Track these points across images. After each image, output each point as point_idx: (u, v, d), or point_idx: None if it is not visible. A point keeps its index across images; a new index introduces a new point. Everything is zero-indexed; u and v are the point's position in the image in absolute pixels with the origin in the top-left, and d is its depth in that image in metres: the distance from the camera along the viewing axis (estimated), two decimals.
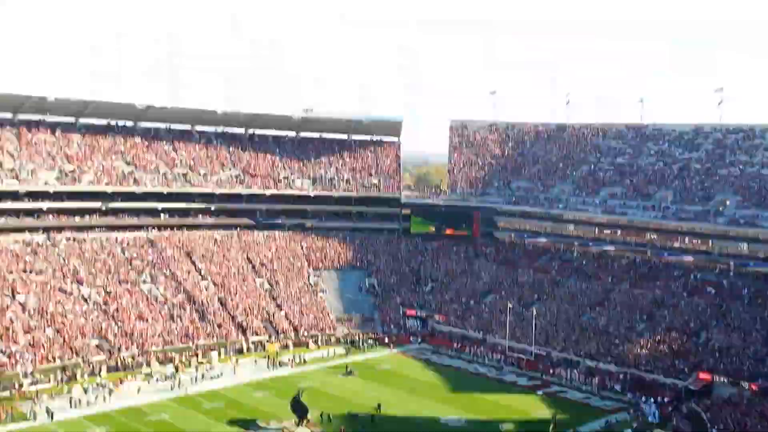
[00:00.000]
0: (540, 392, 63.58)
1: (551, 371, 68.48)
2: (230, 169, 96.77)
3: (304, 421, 51.80)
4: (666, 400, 58.89)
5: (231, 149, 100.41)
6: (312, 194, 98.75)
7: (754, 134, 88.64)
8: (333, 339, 78.34)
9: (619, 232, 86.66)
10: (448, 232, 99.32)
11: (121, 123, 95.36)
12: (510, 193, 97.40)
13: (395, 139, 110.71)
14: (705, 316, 70.36)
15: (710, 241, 78.91)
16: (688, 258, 79.56)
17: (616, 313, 74.95)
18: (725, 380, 59.52)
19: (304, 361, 70.37)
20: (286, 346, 74.72)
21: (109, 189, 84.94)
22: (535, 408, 59.08)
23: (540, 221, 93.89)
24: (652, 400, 58.99)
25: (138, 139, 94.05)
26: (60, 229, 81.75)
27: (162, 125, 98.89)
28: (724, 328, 67.55)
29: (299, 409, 52.82)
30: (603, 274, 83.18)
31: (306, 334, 78.10)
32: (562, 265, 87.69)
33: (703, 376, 61.02)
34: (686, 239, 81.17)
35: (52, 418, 52.18)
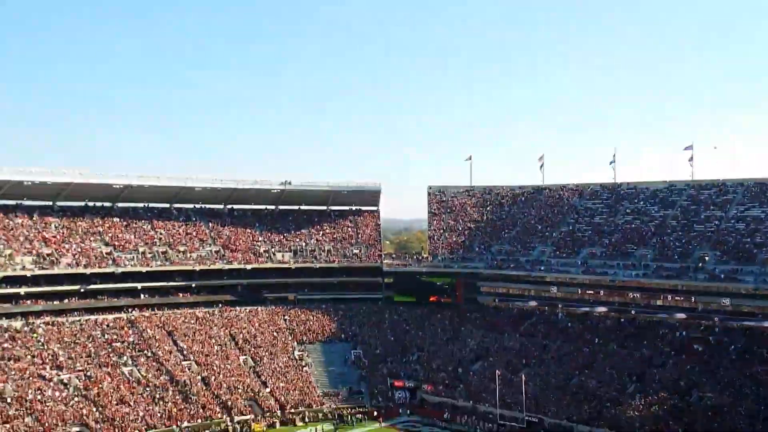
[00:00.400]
0: None
1: None
2: (210, 245, 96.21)
3: None
4: None
5: (211, 225, 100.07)
6: (293, 266, 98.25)
7: (726, 189, 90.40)
8: (320, 415, 76.74)
9: (602, 292, 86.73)
10: (432, 299, 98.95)
11: (98, 204, 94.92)
12: (491, 256, 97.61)
13: (374, 207, 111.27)
14: (694, 374, 70.04)
15: (693, 297, 79.14)
16: (676, 315, 79.62)
17: (606, 375, 74.37)
18: None
19: None
20: (273, 425, 73.14)
21: (88, 271, 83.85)
22: None
23: (523, 284, 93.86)
24: None
25: (116, 219, 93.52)
26: (38, 313, 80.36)
27: (140, 204, 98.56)
28: (715, 386, 67.17)
29: None
30: (589, 335, 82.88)
31: (293, 411, 76.45)
32: (547, 328, 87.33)
33: None
34: (669, 297, 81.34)
35: None
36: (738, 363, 69.75)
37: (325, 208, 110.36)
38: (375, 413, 77.25)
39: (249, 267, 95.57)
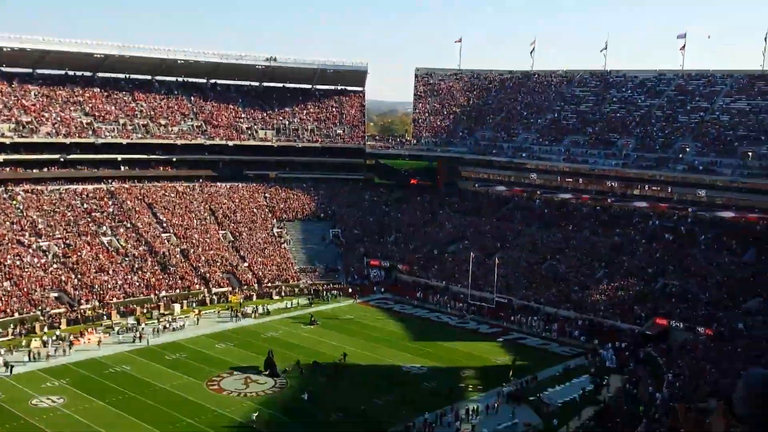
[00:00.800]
0: (500, 339, 64.47)
1: (512, 318, 69.37)
2: (192, 120, 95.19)
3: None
4: (623, 345, 59.96)
5: (193, 99, 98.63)
6: (275, 145, 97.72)
7: (715, 80, 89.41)
8: (296, 290, 78.35)
9: (581, 180, 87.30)
10: (413, 182, 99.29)
11: (79, 73, 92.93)
12: (474, 142, 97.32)
13: (360, 88, 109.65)
14: (663, 263, 71.51)
15: (669, 188, 79.85)
16: (651, 205, 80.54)
17: (576, 260, 75.90)
18: (681, 325, 60.76)
19: (268, 311, 70.35)
20: (249, 297, 74.69)
21: (68, 140, 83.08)
22: (496, 355, 59.97)
23: (503, 171, 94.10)
24: (609, 345, 60.05)
25: (97, 90, 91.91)
26: (17, 181, 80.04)
27: (121, 75, 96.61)
28: (682, 274, 68.77)
29: (271, 367, 53.03)
30: (564, 222, 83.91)
31: (269, 285, 78.00)
32: (524, 214, 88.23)
33: (659, 321, 62.28)
34: (646, 187, 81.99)
35: (10, 371, 51.56)
36: (707, 253, 71.16)
37: (310, 86, 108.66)
38: (350, 290, 78.94)
39: (231, 143, 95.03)
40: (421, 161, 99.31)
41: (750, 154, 75.79)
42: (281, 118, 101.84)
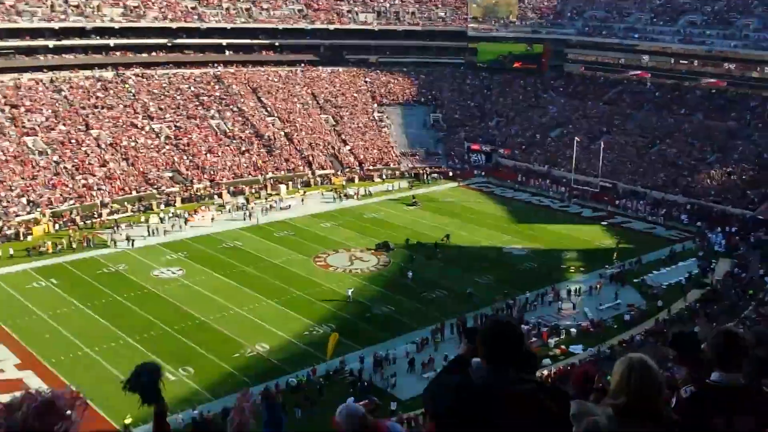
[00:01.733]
0: (604, 223, 63.62)
1: (616, 202, 68.03)
2: (293, 4, 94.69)
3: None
4: (733, 229, 58.18)
5: None
6: (376, 28, 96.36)
7: None
8: (397, 173, 79.03)
9: (696, 62, 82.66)
10: (516, 65, 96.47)
11: None
12: (583, 23, 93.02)
13: None
14: None
15: None
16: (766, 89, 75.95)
17: (687, 145, 73.04)
18: None
19: (370, 193, 71.58)
20: (352, 180, 75.99)
21: (174, 25, 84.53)
22: (599, 237, 59.45)
23: (613, 52, 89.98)
24: (718, 229, 58.37)
25: None
26: (128, 65, 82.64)
27: None
28: None
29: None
30: (676, 105, 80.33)
31: (371, 168, 78.98)
32: (633, 98, 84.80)
33: None
34: (765, 69, 76.93)
35: (132, 245, 55.07)
36: None
37: None
38: (450, 174, 79.00)
39: (331, 27, 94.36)
40: (525, 43, 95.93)
41: None
42: (382, 1, 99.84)
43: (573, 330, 40.75)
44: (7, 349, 38.07)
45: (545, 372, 35.34)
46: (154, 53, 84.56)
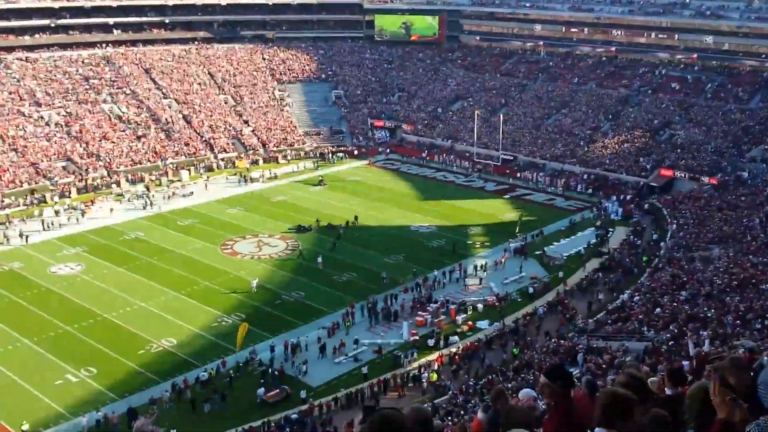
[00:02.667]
0: (507, 196, 65.14)
1: (518, 175, 69.74)
2: None
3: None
4: (628, 197, 60.64)
5: None
6: (270, 2, 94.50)
7: None
8: (302, 153, 78.29)
9: (586, 30, 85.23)
10: (414, 38, 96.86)
11: None
12: None
13: None
14: (669, 113, 71.09)
15: (676, 35, 78.18)
16: (657, 54, 79.24)
17: (582, 114, 75.40)
18: (686, 176, 61.23)
19: (275, 176, 70.68)
20: (256, 162, 74.79)
21: (56, 4, 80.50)
22: (503, 211, 60.79)
23: (507, 23, 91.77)
24: (614, 198, 60.74)
25: None
26: (9, 49, 78.24)
27: None
28: (687, 124, 68.56)
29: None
30: (569, 74, 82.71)
31: (275, 149, 77.90)
32: (528, 68, 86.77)
33: (664, 172, 62.73)
34: (653, 35, 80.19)
35: (26, 241, 52.61)
36: (712, 101, 70.66)
37: None
38: (355, 152, 78.93)
39: (224, 2, 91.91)
40: (421, 15, 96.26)
41: None
42: None
43: (479, 306, 41.70)
44: None
45: (453, 349, 36.15)
46: (37, 35, 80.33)
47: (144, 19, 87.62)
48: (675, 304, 33.65)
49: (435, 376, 32.89)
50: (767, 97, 68.38)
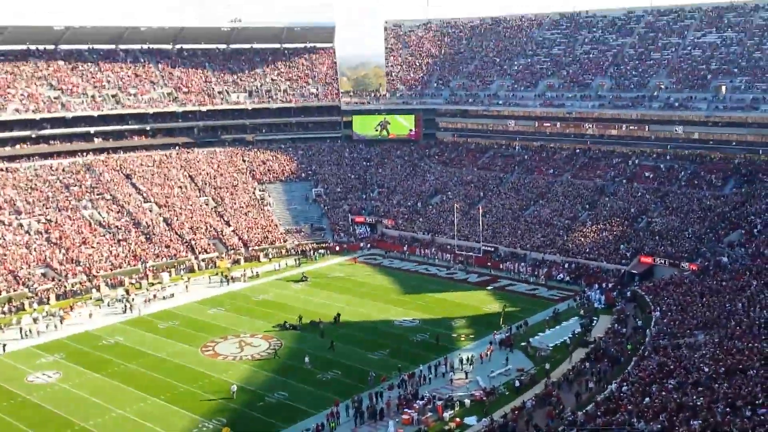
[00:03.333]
0: (490, 287, 65.16)
1: (500, 266, 70.00)
2: (162, 87, 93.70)
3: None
4: (610, 285, 60.85)
5: (160, 66, 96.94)
6: (249, 107, 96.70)
7: (684, 15, 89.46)
8: (284, 251, 78.33)
9: (558, 124, 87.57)
10: (391, 136, 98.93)
11: (41, 47, 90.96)
12: (450, 92, 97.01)
13: (330, 44, 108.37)
14: (645, 201, 72.30)
15: (647, 126, 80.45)
16: (629, 145, 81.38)
17: (559, 204, 76.47)
18: (666, 262, 61.70)
19: (257, 274, 70.45)
20: (237, 262, 74.64)
21: (37, 116, 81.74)
22: (486, 303, 60.65)
23: (481, 119, 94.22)
24: (596, 286, 60.94)
25: (61, 63, 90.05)
26: None
27: (84, 46, 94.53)
28: (664, 211, 69.62)
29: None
30: (544, 167, 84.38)
31: (256, 248, 77.90)
32: (504, 161, 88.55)
33: (644, 259, 63.26)
34: (624, 127, 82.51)
35: (3, 349, 51.48)
36: (687, 189, 72.06)
37: (279, 46, 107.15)
38: (336, 248, 79.11)
39: (204, 108, 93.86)
40: (398, 114, 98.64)
41: (723, 87, 76.23)
42: (252, 80, 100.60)
43: (467, 401, 40.91)
44: None
45: None
46: (18, 146, 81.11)
47: (125, 126, 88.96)
48: (663, 393, 33.13)
49: None
50: (740, 183, 69.92)
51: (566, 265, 66.69)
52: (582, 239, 69.45)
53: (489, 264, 70.62)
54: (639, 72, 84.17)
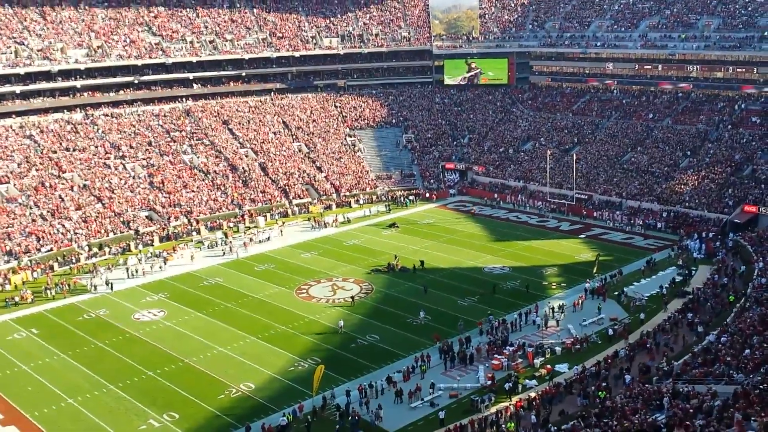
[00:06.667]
0: (582, 236, 64.08)
1: (594, 214, 68.61)
2: (257, 33, 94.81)
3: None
4: (710, 234, 58.79)
5: (255, 11, 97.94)
6: (341, 52, 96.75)
7: None
8: (374, 197, 79.11)
9: (659, 66, 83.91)
10: (483, 80, 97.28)
11: None
12: (545, 34, 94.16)
13: None
14: (750, 148, 68.96)
15: (755, 69, 76.11)
16: (735, 88, 77.34)
17: (659, 151, 73.88)
18: None
19: (348, 220, 71.50)
20: (329, 207, 75.93)
21: (139, 62, 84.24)
22: (578, 252, 59.74)
23: (577, 62, 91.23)
24: (696, 236, 58.97)
25: (161, 8, 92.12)
26: (96, 105, 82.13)
27: None
28: None
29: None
30: (643, 111, 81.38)
31: (347, 194, 78.96)
32: (601, 106, 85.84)
33: (748, 208, 60.62)
34: (730, 69, 78.35)
35: (111, 288, 54.49)
36: None
37: None
38: (427, 195, 79.24)
39: (297, 54, 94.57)
40: (490, 58, 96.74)
41: None
42: (345, 24, 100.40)
43: (557, 348, 40.81)
44: None
45: (531, 394, 35.34)
46: (121, 92, 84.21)
47: (222, 73, 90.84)
48: (765, 345, 32.15)
49: (512, 426, 32.08)
50: None
51: (664, 214, 64.71)
52: (682, 187, 67.08)
53: (582, 212, 69.29)
54: (748, 11, 79.24)
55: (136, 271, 57.85)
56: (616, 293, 48.86)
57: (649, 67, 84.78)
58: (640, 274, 52.85)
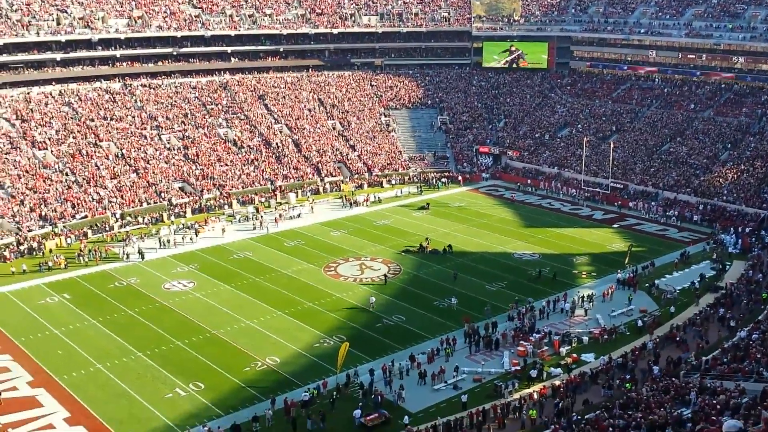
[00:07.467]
0: (616, 225, 63.26)
1: (628, 204, 67.66)
2: (296, 8, 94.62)
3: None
4: (747, 230, 57.61)
5: None
6: (380, 30, 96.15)
7: None
8: (406, 178, 78.83)
9: (704, 56, 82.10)
10: (522, 64, 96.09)
11: None
12: (588, 18, 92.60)
13: None
14: None
15: None
16: None
17: (698, 143, 72.49)
18: None
19: (379, 200, 71.39)
20: (361, 186, 75.86)
21: (179, 34, 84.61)
22: (611, 241, 59.01)
23: (619, 48, 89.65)
24: (732, 230, 57.86)
25: None
26: (135, 75, 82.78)
27: None
28: None
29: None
30: (685, 101, 79.81)
31: (380, 174, 78.79)
32: (641, 94, 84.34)
33: None
34: None
35: (143, 258, 55.15)
36: None
37: None
38: (459, 178, 78.74)
39: (335, 31, 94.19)
40: (530, 42, 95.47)
41: None
42: (384, 2, 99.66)
43: (584, 338, 40.43)
44: (20, 367, 38.19)
45: (556, 382, 35.08)
46: (160, 63, 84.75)
47: (260, 47, 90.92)
48: None
49: (534, 413, 31.89)
50: None
51: (701, 207, 63.57)
52: (720, 180, 65.79)
53: (617, 201, 68.35)
54: None
55: (168, 242, 58.43)
56: (647, 285, 48.20)
57: (693, 56, 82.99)
58: (672, 267, 52.03)
